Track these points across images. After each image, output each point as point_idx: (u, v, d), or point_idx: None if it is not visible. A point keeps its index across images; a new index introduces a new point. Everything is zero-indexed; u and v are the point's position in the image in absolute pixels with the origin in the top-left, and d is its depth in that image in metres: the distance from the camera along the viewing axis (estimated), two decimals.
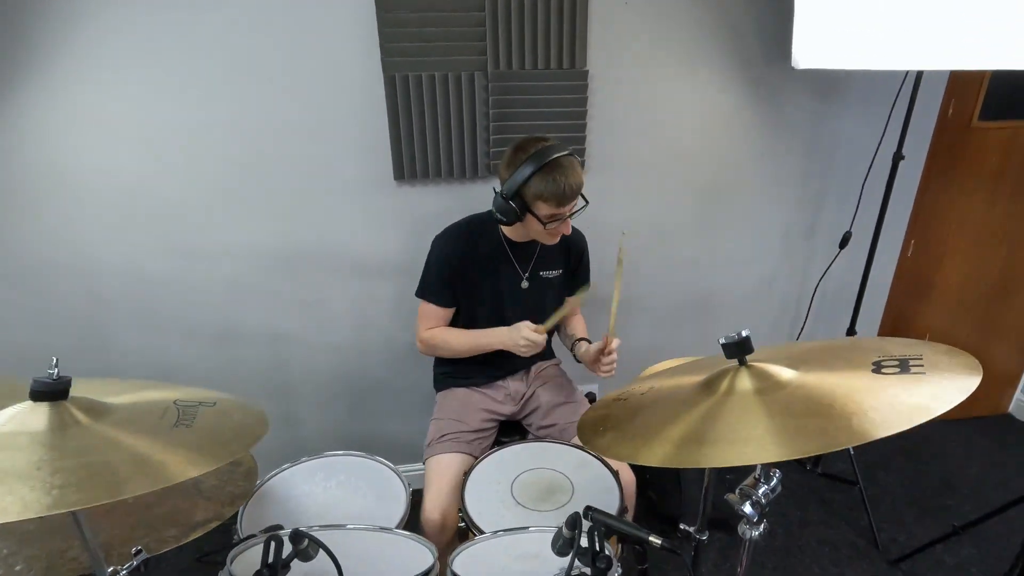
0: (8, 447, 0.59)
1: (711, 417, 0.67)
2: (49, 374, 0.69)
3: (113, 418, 0.70)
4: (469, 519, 1.23)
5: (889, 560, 1.94)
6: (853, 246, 2.05)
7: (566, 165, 1.35)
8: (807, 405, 0.64)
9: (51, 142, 1.57)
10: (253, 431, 0.75)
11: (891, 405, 0.59)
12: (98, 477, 0.55)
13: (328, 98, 1.67)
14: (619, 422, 0.79)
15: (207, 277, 1.79)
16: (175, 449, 0.64)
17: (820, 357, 0.76)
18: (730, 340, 0.74)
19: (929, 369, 0.64)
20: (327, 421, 2.07)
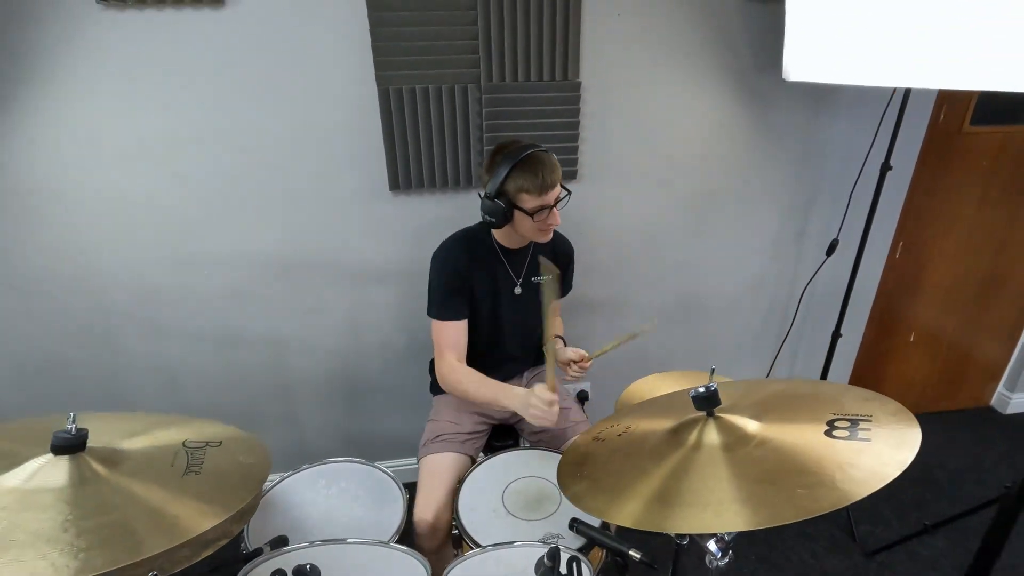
0: (35, 506, 0.65)
1: (678, 475, 0.73)
2: (67, 429, 0.75)
3: (128, 467, 0.76)
4: (463, 528, 1.31)
5: (866, 552, 2.04)
6: (841, 250, 2.09)
7: (543, 158, 1.40)
8: (767, 468, 0.69)
9: (48, 156, 1.60)
10: (256, 473, 0.81)
11: (835, 479, 0.65)
12: (118, 538, 0.61)
13: (324, 112, 1.69)
14: (595, 467, 0.85)
15: (208, 285, 1.84)
16: (187, 500, 0.70)
17: (781, 406, 0.81)
18: (699, 394, 0.79)
19: (876, 432, 0.70)
20: (327, 420, 2.15)
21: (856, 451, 0.68)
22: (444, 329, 1.55)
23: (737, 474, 0.70)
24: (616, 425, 0.96)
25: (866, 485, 0.63)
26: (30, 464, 0.72)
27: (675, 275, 2.15)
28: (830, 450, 0.69)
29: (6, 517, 0.62)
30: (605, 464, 0.85)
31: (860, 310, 2.38)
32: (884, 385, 2.64)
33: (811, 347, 2.41)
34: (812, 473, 0.67)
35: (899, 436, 0.70)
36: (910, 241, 2.30)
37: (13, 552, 0.57)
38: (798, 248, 2.18)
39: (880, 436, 0.70)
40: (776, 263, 2.20)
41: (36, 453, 0.75)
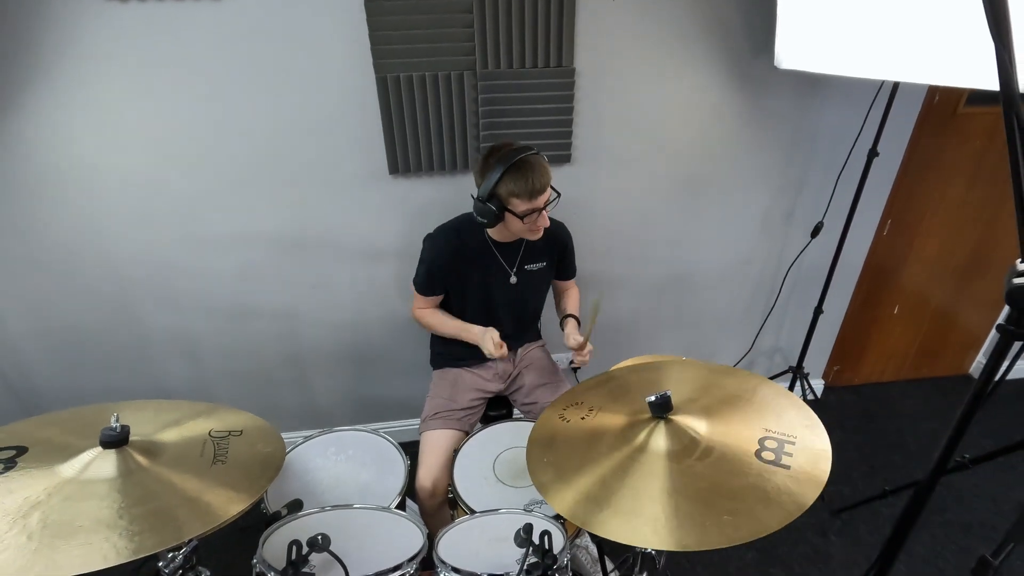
0: (92, 495, 0.79)
1: (621, 474, 0.84)
2: (113, 427, 0.88)
3: (165, 458, 0.89)
4: (457, 494, 1.48)
5: (832, 510, 2.21)
6: (826, 232, 2.16)
7: (533, 162, 1.47)
8: (700, 489, 0.78)
9: (66, 143, 1.68)
10: (274, 461, 0.95)
11: (757, 511, 0.75)
12: (163, 523, 0.75)
13: (324, 99, 1.75)
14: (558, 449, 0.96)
15: (221, 263, 1.96)
16: (218, 489, 0.84)
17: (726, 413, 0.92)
18: (653, 401, 0.90)
19: (796, 458, 0.81)
20: (336, 385, 2.31)
21: (775, 478, 0.79)
22: (420, 298, 1.78)
23: (674, 489, 0.79)
24: (582, 403, 1.07)
25: (777, 520, 0.74)
26: (83, 456, 0.86)
27: (665, 254, 2.23)
28: (756, 475, 0.80)
29: (71, 506, 0.76)
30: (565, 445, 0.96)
31: (844, 287, 2.47)
32: (866, 353, 2.76)
33: (795, 322, 2.51)
34: (739, 500, 0.77)
35: (814, 461, 0.81)
36: (899, 218, 2.35)
37: (81, 536, 0.71)
38: (786, 229, 2.25)
39: (798, 463, 0.81)
40: (764, 243, 2.27)
41: (87, 446, 0.88)
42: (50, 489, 0.80)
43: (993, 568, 1.22)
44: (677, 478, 0.82)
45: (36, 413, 1.03)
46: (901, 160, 2.18)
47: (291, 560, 0.96)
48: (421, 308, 1.80)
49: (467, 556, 1.14)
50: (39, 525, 0.73)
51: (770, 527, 0.71)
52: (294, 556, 0.96)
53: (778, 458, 0.81)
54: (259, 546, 1.12)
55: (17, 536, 0.71)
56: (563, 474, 0.85)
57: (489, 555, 1.14)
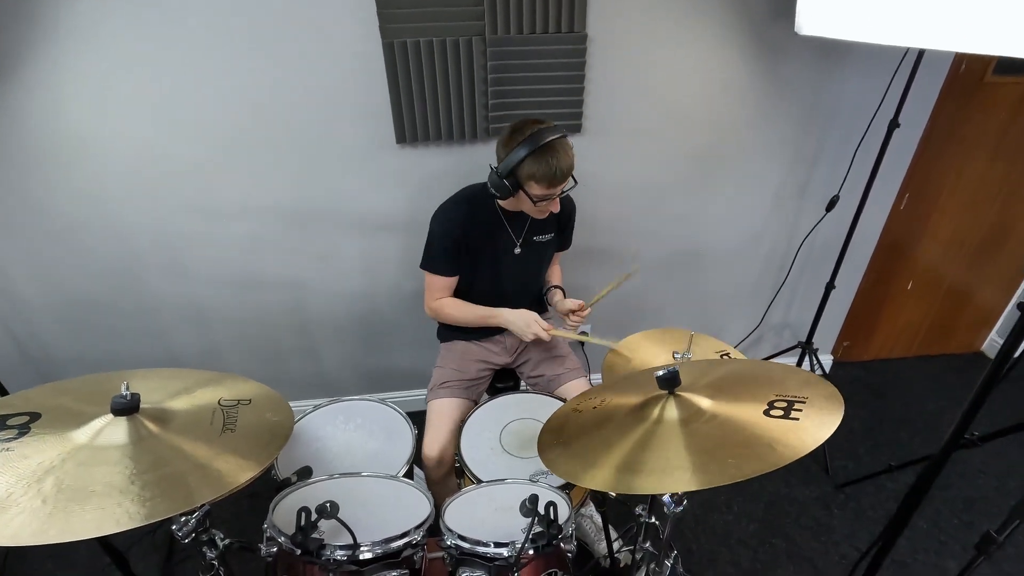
0: (104, 461, 0.80)
1: (643, 446, 0.85)
2: (123, 395, 0.89)
3: (175, 426, 0.90)
4: (463, 463, 1.49)
5: (835, 484, 2.23)
6: (842, 206, 2.11)
7: (558, 148, 1.43)
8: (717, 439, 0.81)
9: (64, 111, 1.66)
10: (282, 429, 0.96)
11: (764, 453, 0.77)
12: (174, 489, 0.76)
13: (330, 66, 1.71)
14: (570, 437, 0.98)
15: (228, 233, 1.95)
16: (227, 456, 0.85)
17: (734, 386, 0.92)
18: (662, 376, 0.90)
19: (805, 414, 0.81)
20: (344, 354, 2.33)
21: (785, 429, 0.80)
22: (435, 281, 1.70)
23: (688, 445, 0.83)
24: (593, 398, 1.08)
25: (784, 456, 0.75)
26: (95, 423, 0.87)
27: (675, 227, 2.20)
28: (763, 428, 0.81)
29: (84, 471, 0.78)
30: (578, 435, 0.98)
31: (858, 262, 2.43)
32: (877, 329, 2.74)
33: (806, 297, 2.49)
34: (747, 446, 0.79)
35: (823, 418, 0.81)
36: (916, 193, 2.30)
37: (95, 501, 0.73)
38: (799, 203, 2.21)
39: (808, 416, 0.82)
40: (776, 217, 2.23)
41: (98, 412, 0.89)
42: (64, 455, 0.81)
43: (997, 543, 1.23)
44: (691, 437, 0.86)
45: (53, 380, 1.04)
46: (922, 132, 2.11)
47: (300, 526, 0.98)
48: (439, 298, 1.72)
49: (473, 524, 1.16)
50: (53, 490, 0.74)
51: (774, 464, 0.77)
52: (303, 522, 0.98)
53: (787, 414, 0.82)
54: (269, 512, 1.14)
55: (32, 500, 0.72)
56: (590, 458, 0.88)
57: (495, 524, 1.16)
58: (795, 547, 2.00)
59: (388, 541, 1.07)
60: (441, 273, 1.68)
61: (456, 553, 1.11)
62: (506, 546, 1.08)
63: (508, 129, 1.48)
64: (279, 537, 1.06)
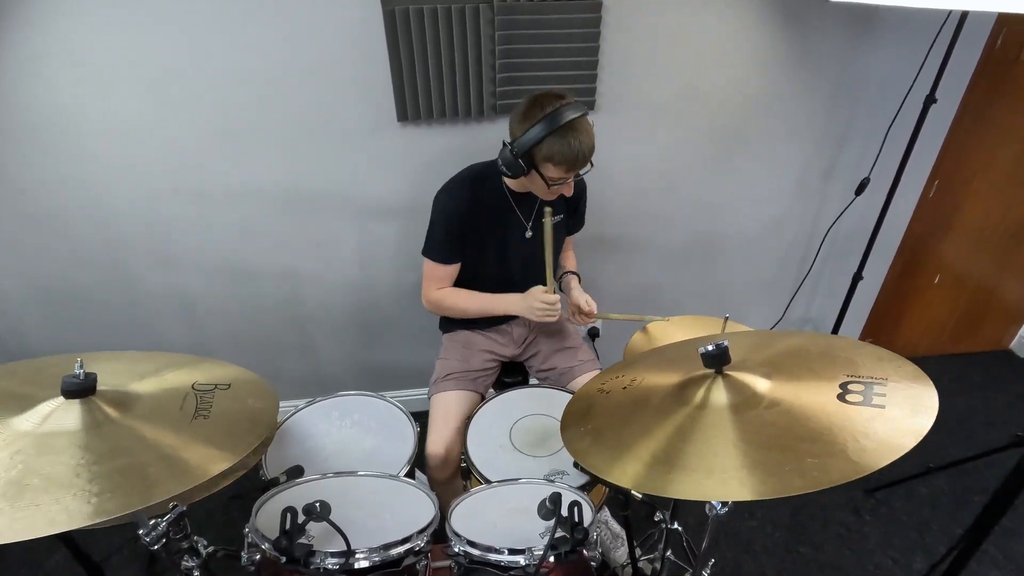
0: (49, 450, 0.67)
1: (682, 435, 0.71)
2: (76, 374, 0.75)
3: (139, 410, 0.77)
4: (471, 463, 1.36)
5: (866, 489, 2.09)
6: (869, 191, 1.99)
7: (580, 129, 1.30)
8: (776, 433, 0.67)
9: (50, 84, 1.54)
10: (265, 418, 0.82)
11: (847, 451, 0.62)
12: (130, 483, 0.63)
13: (326, 35, 1.59)
14: (599, 421, 0.84)
15: (218, 218, 1.82)
16: (197, 445, 0.72)
17: (794, 366, 0.79)
18: (708, 352, 0.77)
19: (890, 399, 0.67)
20: (341, 351, 2.19)
21: (869, 418, 0.66)
22: (436, 269, 1.56)
23: (744, 439, 0.68)
24: (622, 376, 0.94)
25: (879, 456, 0.60)
26: (43, 407, 0.74)
27: (693, 213, 2.08)
28: (843, 417, 0.67)
29: (22, 461, 0.64)
30: (609, 418, 0.84)
31: (884, 253, 2.31)
32: (901, 325, 2.61)
33: (830, 289, 2.36)
34: (824, 441, 0.64)
35: (915, 402, 0.67)
36: (946, 179, 2.17)
37: (28, 497, 0.60)
38: (824, 187, 2.08)
39: (895, 402, 0.68)
40: (800, 202, 2.10)
41: (49, 396, 0.76)
42: (1, 444, 0.68)
43: None
44: (746, 428, 0.72)
45: None
46: (954, 114, 1.99)
47: (285, 529, 0.84)
48: (439, 288, 1.58)
49: (484, 529, 1.02)
50: None
51: (867, 467, 0.61)
52: (289, 525, 0.84)
53: (867, 400, 0.67)
54: (252, 514, 1.00)
55: None
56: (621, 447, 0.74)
57: (509, 528, 1.02)
58: (825, 556, 1.86)
59: (387, 547, 0.93)
60: (443, 261, 1.55)
61: (465, 561, 0.97)
62: (522, 553, 0.94)
63: (526, 102, 1.35)
64: (262, 543, 0.92)
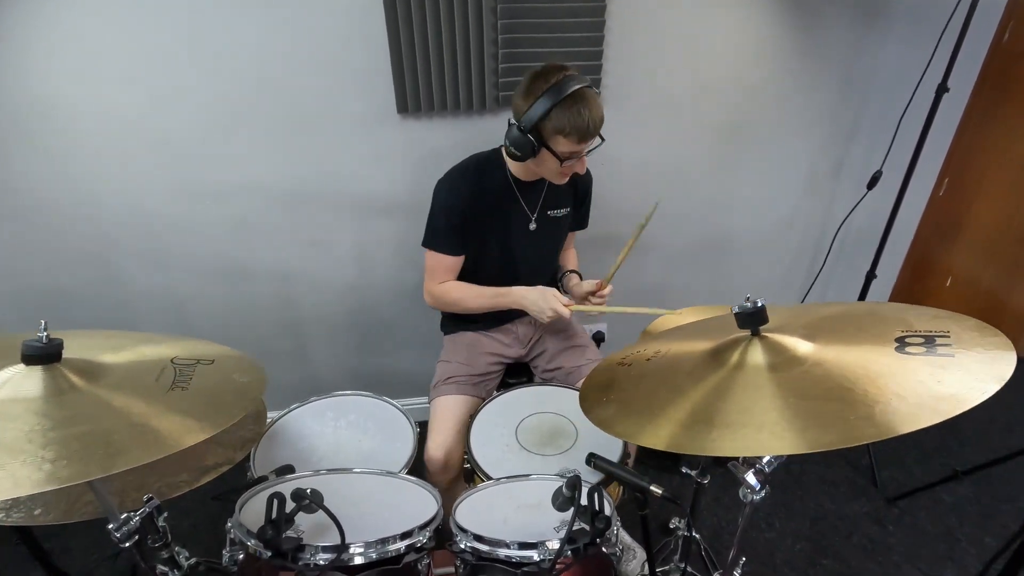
0: (3, 417, 0.59)
1: (720, 395, 0.64)
2: (39, 337, 0.68)
3: (108, 380, 0.69)
4: (474, 462, 1.26)
5: (887, 498, 1.98)
6: (880, 186, 1.94)
7: (589, 98, 1.25)
8: (826, 387, 0.59)
9: (40, 74, 1.49)
10: (251, 392, 0.74)
11: (919, 395, 0.54)
12: (91, 449, 0.55)
13: (324, 24, 1.55)
14: (623, 391, 0.76)
15: (210, 215, 1.76)
16: (171, 415, 0.64)
17: (838, 327, 0.71)
18: (744, 309, 0.69)
19: (958, 348, 0.60)
20: (337, 357, 2.10)
21: (939, 366, 0.58)
22: (438, 261, 1.48)
23: (788, 392, 0.61)
24: (644, 350, 0.87)
25: (957, 402, 0.52)
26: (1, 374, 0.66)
27: (700, 211, 2.02)
28: (904, 367, 0.59)
29: None
30: (634, 388, 0.77)
31: (896, 252, 2.25)
32: None
33: (841, 290, 2.29)
34: (885, 389, 0.56)
35: (990, 353, 0.59)
36: (956, 177, 2.13)
37: None
38: (835, 182, 2.04)
39: (965, 350, 0.60)
40: (810, 199, 2.05)
41: (10, 364, 0.68)
42: None
43: None
44: (790, 384, 0.64)
45: None
46: (963, 110, 1.96)
47: (271, 519, 0.75)
48: (442, 281, 1.50)
49: (492, 524, 0.93)
50: None
51: (942, 414, 0.53)
52: (275, 514, 0.75)
53: (931, 350, 0.59)
54: (236, 510, 0.91)
55: None
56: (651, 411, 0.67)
57: (520, 524, 0.93)
58: (850, 569, 1.75)
59: (385, 542, 0.83)
60: (445, 252, 1.47)
61: (472, 559, 0.87)
62: (535, 547, 0.84)
63: (527, 77, 1.30)
64: (246, 539, 0.82)
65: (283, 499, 0.76)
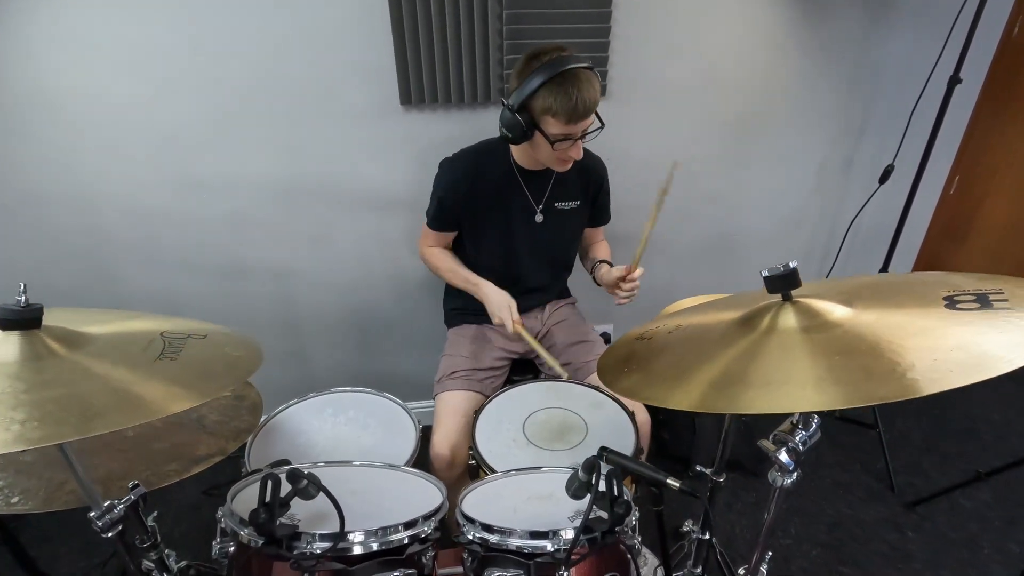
0: None
1: (751, 356, 0.59)
2: (17, 301, 0.63)
3: (91, 348, 0.64)
4: (480, 457, 1.20)
5: (905, 503, 1.91)
6: (892, 183, 1.90)
7: (581, 78, 1.20)
8: (871, 344, 0.55)
9: (36, 64, 1.45)
10: (246, 365, 0.69)
11: (979, 345, 0.49)
12: (66, 412, 0.50)
13: (328, 13, 1.52)
14: (644, 362, 0.71)
15: (207, 210, 1.71)
16: (156, 382, 0.59)
17: (878, 293, 0.66)
18: (775, 272, 0.65)
19: (1015, 304, 0.54)
20: (336, 358, 2.05)
21: (997, 319, 0.53)
22: (433, 234, 1.54)
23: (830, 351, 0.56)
24: (663, 325, 0.82)
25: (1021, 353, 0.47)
26: None
27: (707, 209, 1.98)
28: (958, 321, 0.54)
29: None
30: (657, 358, 0.71)
31: (906, 255, 2.21)
32: None
33: None
34: (940, 342, 0.51)
35: None
36: (967, 175, 2.10)
37: None
38: (845, 178, 2.00)
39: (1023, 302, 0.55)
40: (820, 195, 2.02)
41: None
42: None
43: None
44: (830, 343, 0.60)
45: None
46: (973, 106, 1.93)
47: (265, 502, 0.69)
48: (430, 246, 1.56)
49: (502, 515, 0.87)
50: None
51: (999, 367, 0.47)
52: (269, 496, 0.69)
53: (985, 305, 0.54)
54: (228, 499, 0.85)
55: None
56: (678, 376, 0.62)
57: (530, 514, 0.87)
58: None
59: (387, 530, 0.77)
60: (435, 228, 1.51)
61: (481, 550, 0.81)
62: (548, 536, 0.78)
63: (523, 57, 1.26)
64: (239, 529, 0.76)
65: (278, 480, 0.70)
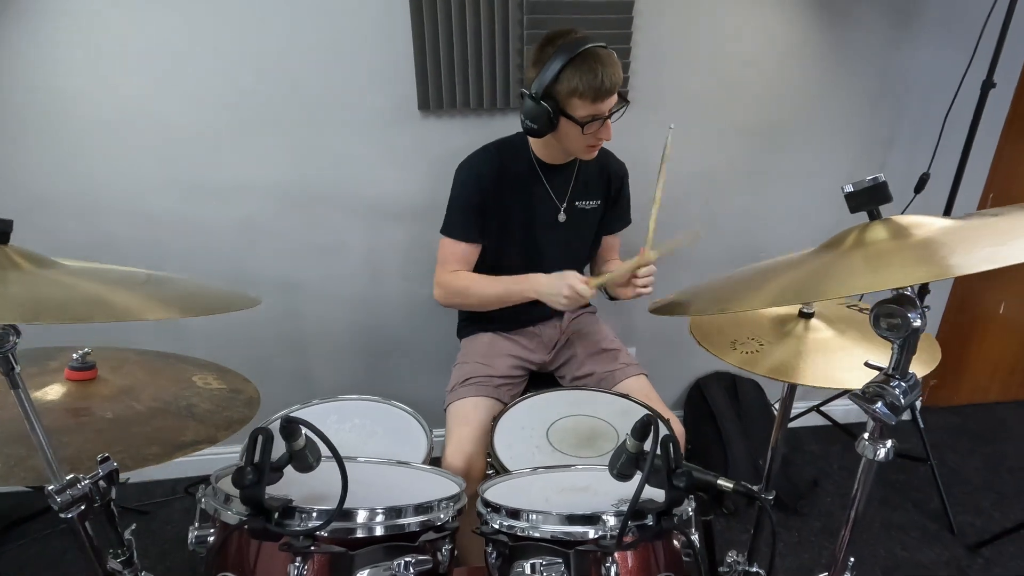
0: None
1: (836, 263, 0.50)
2: None
3: (63, 269, 0.55)
4: (499, 463, 1.07)
5: (968, 545, 1.72)
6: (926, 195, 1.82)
7: (602, 55, 1.16)
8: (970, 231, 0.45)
9: (45, 65, 1.44)
10: (235, 303, 0.60)
11: None
12: (16, 303, 0.40)
13: (346, 17, 1.52)
14: (702, 293, 0.61)
15: (216, 217, 1.66)
16: (134, 296, 0.50)
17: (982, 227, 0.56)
18: (860, 185, 0.56)
19: None
20: (343, 378, 1.93)
21: None
22: (453, 247, 1.36)
23: (923, 243, 0.46)
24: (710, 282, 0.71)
25: None
26: None
27: (732, 224, 1.91)
28: None
29: None
30: (710, 289, 0.61)
31: None
32: (967, 363, 2.33)
33: None
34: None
35: None
36: (1002, 190, 2.02)
37: None
38: None
39: None
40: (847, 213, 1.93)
41: None
42: None
43: None
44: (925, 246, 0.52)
45: None
46: (1005, 116, 1.88)
47: (253, 461, 0.57)
48: (453, 270, 1.37)
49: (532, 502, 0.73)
50: None
51: None
52: (259, 455, 0.57)
53: None
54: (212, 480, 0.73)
55: None
56: (751, 288, 0.52)
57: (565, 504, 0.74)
58: None
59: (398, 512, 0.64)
60: (459, 237, 1.35)
61: (509, 540, 0.67)
62: (591, 522, 0.64)
63: (537, 44, 1.22)
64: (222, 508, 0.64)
65: (270, 436, 0.58)
